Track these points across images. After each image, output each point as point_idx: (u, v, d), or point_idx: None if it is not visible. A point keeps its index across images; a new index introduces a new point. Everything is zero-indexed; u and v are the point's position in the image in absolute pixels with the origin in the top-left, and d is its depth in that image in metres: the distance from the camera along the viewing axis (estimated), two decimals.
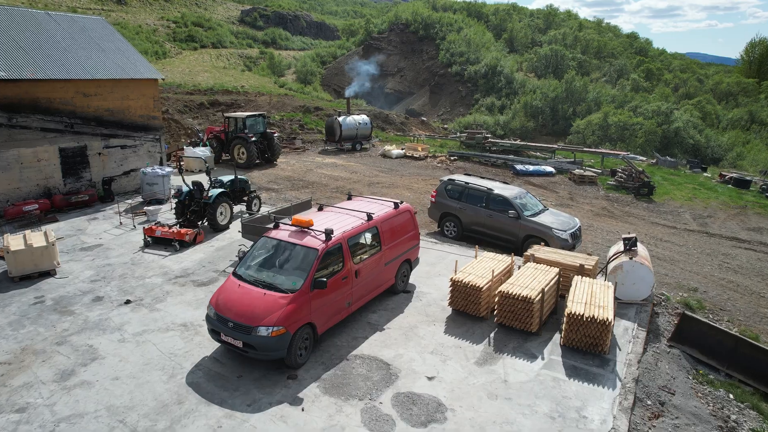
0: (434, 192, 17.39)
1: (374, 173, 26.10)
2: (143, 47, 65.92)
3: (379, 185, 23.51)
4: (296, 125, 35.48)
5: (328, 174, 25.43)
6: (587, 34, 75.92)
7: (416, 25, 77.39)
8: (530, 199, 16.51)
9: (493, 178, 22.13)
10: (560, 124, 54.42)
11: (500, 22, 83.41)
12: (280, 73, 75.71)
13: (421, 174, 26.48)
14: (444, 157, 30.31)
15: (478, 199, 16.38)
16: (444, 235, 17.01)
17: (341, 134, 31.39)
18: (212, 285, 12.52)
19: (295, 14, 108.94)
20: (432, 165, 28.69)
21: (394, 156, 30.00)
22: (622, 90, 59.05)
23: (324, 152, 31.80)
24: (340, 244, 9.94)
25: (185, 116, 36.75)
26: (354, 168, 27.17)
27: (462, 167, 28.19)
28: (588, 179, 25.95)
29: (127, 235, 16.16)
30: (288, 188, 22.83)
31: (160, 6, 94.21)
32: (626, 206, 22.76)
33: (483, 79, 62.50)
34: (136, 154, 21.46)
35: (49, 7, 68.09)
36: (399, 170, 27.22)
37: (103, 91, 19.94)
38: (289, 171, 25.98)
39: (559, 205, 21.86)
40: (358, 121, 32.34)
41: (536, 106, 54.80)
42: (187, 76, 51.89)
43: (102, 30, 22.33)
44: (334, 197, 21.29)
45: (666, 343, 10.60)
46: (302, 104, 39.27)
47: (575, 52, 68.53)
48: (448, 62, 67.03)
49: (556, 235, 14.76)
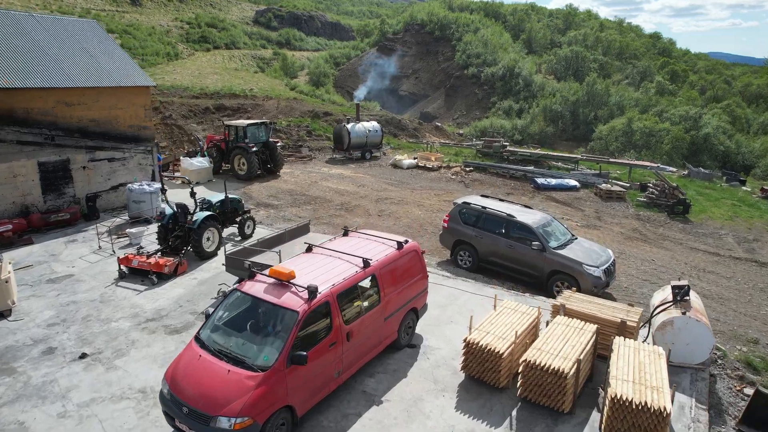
0: (447, 216, 15.37)
1: (383, 186, 24.14)
2: (155, 49, 64.87)
3: (387, 201, 21.55)
4: (304, 131, 33.68)
5: (334, 187, 23.54)
6: (609, 34, 72.97)
7: (432, 25, 75.24)
8: (557, 227, 14.41)
9: (513, 200, 20.09)
10: (581, 129, 51.91)
11: (518, 23, 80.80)
12: (293, 75, 74.14)
13: (434, 187, 24.44)
14: (459, 167, 28.24)
15: (497, 227, 14.34)
16: (457, 266, 15.00)
17: (350, 142, 29.49)
18: (186, 332, 10.69)
19: (309, 14, 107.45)
20: (446, 177, 26.64)
21: (406, 166, 28.01)
22: (646, 93, 56.25)
23: (331, 161, 29.93)
24: (328, 302, 8.01)
25: (189, 121, 35.17)
26: (362, 180, 25.24)
27: (478, 179, 26.09)
28: (616, 195, 23.68)
29: (103, 262, 14.44)
30: (289, 204, 20.98)
31: (174, 7, 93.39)
32: (660, 227, 20.47)
33: (500, 82, 60.15)
34: (125, 168, 19.79)
35: (63, 9, 67.40)
36: (410, 183, 25.22)
37: (88, 100, 18.27)
38: (292, 183, 24.14)
39: (586, 226, 19.68)
40: (368, 128, 30.41)
41: (556, 110, 52.36)
42: (196, 79, 50.46)
43: (92, 33, 20.69)
44: (337, 216, 19.39)
45: (734, 427, 8.48)
46: (311, 109, 37.47)
47: (596, 54, 65.74)
48: (465, 64, 64.78)
49: (587, 272, 12.67)
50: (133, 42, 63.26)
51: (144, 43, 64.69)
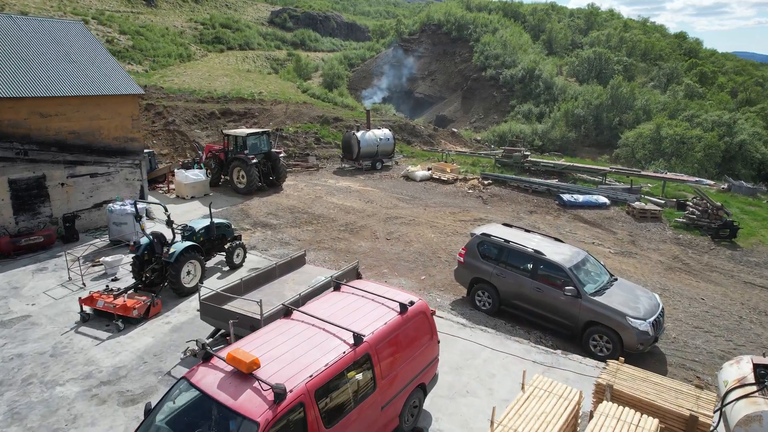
0: (463, 249, 13.17)
1: (393, 203, 21.99)
2: (167, 50, 63.61)
3: (397, 221, 19.40)
4: (312, 138, 31.69)
5: (339, 204, 21.46)
6: (633, 34, 69.72)
7: (449, 25, 72.79)
8: (593, 266, 12.13)
9: (537, 219, 17.82)
10: (604, 135, 49.11)
11: (538, 23, 77.88)
12: (307, 76, 72.38)
13: (449, 204, 22.22)
14: (476, 179, 25.97)
15: (522, 265, 12.12)
16: (475, 307, 12.81)
17: (359, 152, 27.40)
18: (144, 401, 8.70)
19: (325, 15, 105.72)
20: (462, 191, 24.38)
21: (419, 179, 25.81)
22: (674, 97, 53.16)
23: (339, 172, 27.87)
24: (302, 402, 5.92)
25: (194, 127, 33.44)
26: (370, 195, 23.12)
27: (497, 195, 23.78)
28: (651, 214, 21.20)
29: (69, 298, 12.55)
30: (288, 224, 18.95)
31: (189, 8, 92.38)
32: (704, 254, 17.99)
33: (519, 84, 57.53)
34: (110, 183, 17.96)
35: (77, 11, 66.54)
36: (423, 198, 23.02)
37: (67, 111, 16.46)
38: (295, 198, 22.13)
39: (620, 254, 17.31)
40: (379, 136, 28.28)
41: (578, 115, 49.63)
42: (205, 81, 48.85)
43: (77, 37, 18.89)
44: (340, 240, 17.30)
45: None
46: (320, 114, 35.48)
47: (620, 55, 62.67)
48: (483, 65, 62.25)
49: (631, 326, 10.41)
50: (145, 43, 62.05)
51: (156, 45, 63.45)
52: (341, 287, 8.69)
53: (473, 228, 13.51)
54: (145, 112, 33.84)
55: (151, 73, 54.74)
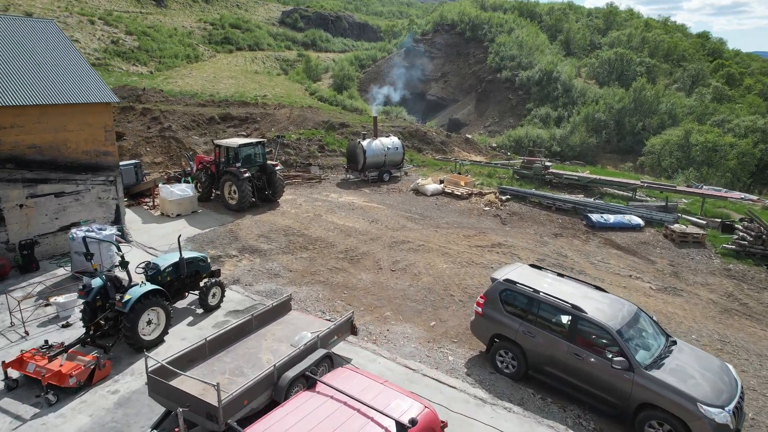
0: (482, 298, 10.67)
1: (401, 222, 19.52)
2: (174, 51, 61.77)
3: (404, 246, 16.93)
4: (315, 146, 29.32)
5: (340, 224, 19.03)
6: (656, 34, 66.37)
7: (463, 25, 70.04)
8: (646, 325, 9.59)
9: (564, 244, 15.23)
10: (627, 141, 46.14)
11: (555, 23, 74.77)
12: (316, 77, 70.16)
13: (463, 224, 19.69)
14: (493, 194, 23.41)
15: (556, 322, 9.62)
16: (496, 369, 10.33)
17: (365, 162, 24.95)
18: None
19: (336, 15, 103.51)
20: (478, 208, 21.83)
21: (430, 193, 23.30)
22: (701, 100, 49.95)
23: (343, 184, 25.46)
24: None
25: (191, 133, 31.27)
26: (375, 213, 20.68)
27: (517, 213, 21.19)
28: (693, 239, 18.48)
29: (4, 353, 10.30)
30: (281, 249, 16.58)
31: (200, 8, 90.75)
32: (763, 290, 15.27)
33: (536, 87, 54.67)
34: (79, 203, 15.74)
35: (84, 11, 65.00)
36: (434, 216, 20.52)
37: (26, 122, 14.25)
38: (291, 217, 19.76)
39: (662, 290, 14.68)
40: (387, 145, 25.81)
41: (599, 119, 46.71)
42: (209, 83, 46.77)
43: (47, 37, 16.67)
44: (338, 271, 14.87)
45: None
46: (326, 119, 33.10)
47: (642, 56, 59.45)
48: (498, 67, 59.46)
49: (705, 416, 7.85)
50: (152, 44, 60.26)
51: (163, 45, 61.63)
52: (317, 384, 6.25)
53: (494, 271, 11.02)
54: (141, 116, 31.77)
55: (156, 74, 52.88)
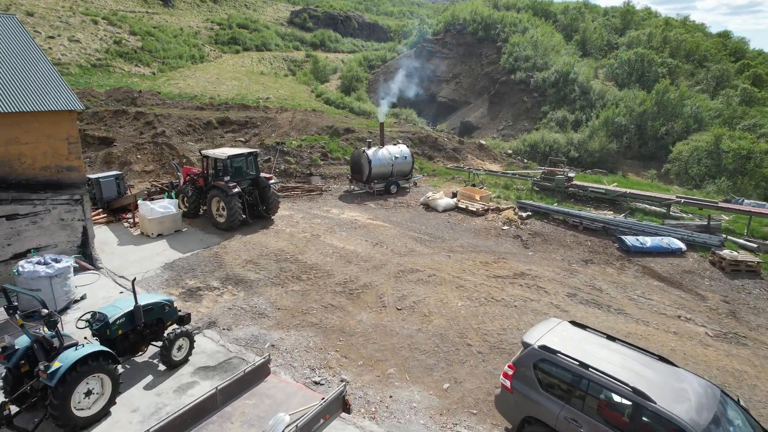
0: (511, 369, 8.25)
1: (409, 245, 17.11)
2: (178, 51, 59.83)
3: (412, 276, 14.55)
4: (318, 154, 26.99)
5: (340, 247, 16.68)
6: (677, 33, 63.17)
7: (475, 25, 67.34)
8: (734, 417, 7.12)
9: (594, 271, 12.80)
10: (649, 146, 43.25)
11: (571, 22, 71.80)
12: (324, 78, 67.93)
13: (480, 248, 17.24)
14: (512, 209, 20.95)
15: (611, 408, 7.19)
16: None
17: (371, 173, 22.60)
18: None
19: (346, 15, 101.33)
20: (495, 226, 19.36)
21: (441, 209, 20.86)
22: (728, 102, 46.91)
23: (346, 197, 23.10)
24: None
25: (186, 139, 29.11)
26: (380, 233, 18.29)
27: (539, 233, 18.69)
28: (746, 267, 15.89)
29: None
30: (269, 280, 14.26)
31: (207, 8, 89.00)
32: None
33: (552, 89, 51.90)
34: (37, 226, 13.54)
35: (89, 11, 63.34)
36: (446, 237, 18.08)
37: None
38: (286, 238, 17.44)
39: (722, 337, 12.14)
40: (395, 154, 23.41)
41: (619, 123, 43.90)
42: (211, 85, 44.66)
43: (2, 33, 14.50)
44: (334, 310, 12.50)
45: None
46: (330, 124, 30.76)
47: (664, 56, 56.40)
48: (512, 68, 56.75)
49: None
50: (155, 44, 58.35)
51: (167, 46, 59.69)
52: None
53: (525, 332, 8.56)
54: (134, 121, 29.67)
55: (159, 75, 50.94)
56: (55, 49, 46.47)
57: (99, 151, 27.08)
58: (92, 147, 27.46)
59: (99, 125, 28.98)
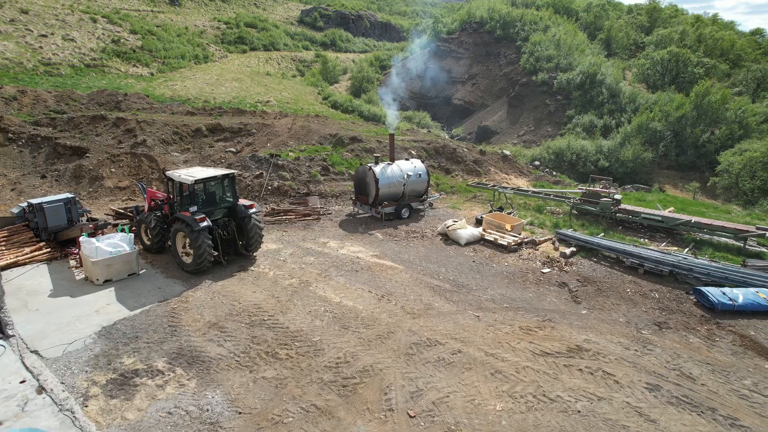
0: None
1: (425, 297, 13.06)
2: (181, 51, 56.38)
3: (429, 353, 10.50)
4: (318, 168, 23.03)
5: (336, 301, 12.68)
6: (713, 30, 58.23)
7: (492, 23, 63.06)
8: None
9: (669, 334, 8.27)
10: (688, 155, 38.71)
11: (594, 20, 67.12)
12: (334, 79, 64.10)
13: (518, 302, 13.13)
14: (550, 241, 16.83)
15: None
16: None
17: (378, 194, 18.60)
18: None
19: (358, 14, 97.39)
20: (533, 268, 15.23)
21: (464, 242, 16.77)
22: None
23: (349, 223, 19.13)
24: None
25: (171, 149, 25.37)
26: (388, 277, 14.26)
27: (590, 278, 14.52)
28: None
29: None
30: (234, 358, 10.31)
31: (216, 6, 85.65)
32: None
33: (578, 91, 47.49)
34: None
35: (90, 9, 60.15)
36: (473, 285, 13.99)
37: None
38: (266, 286, 13.47)
39: None
40: (407, 171, 19.37)
41: (654, 130, 39.40)
42: (210, 87, 40.96)
43: None
44: (319, 418, 8.53)
45: None
46: (334, 132, 26.79)
47: (699, 56, 51.61)
48: (533, 68, 52.43)
49: None
50: (156, 44, 54.91)
51: (169, 45, 56.26)
52: None
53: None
54: (113, 128, 26.00)
55: (157, 76, 47.44)
56: (46, 48, 43.13)
57: (70, 162, 23.45)
58: (63, 158, 23.84)
59: (73, 133, 25.34)
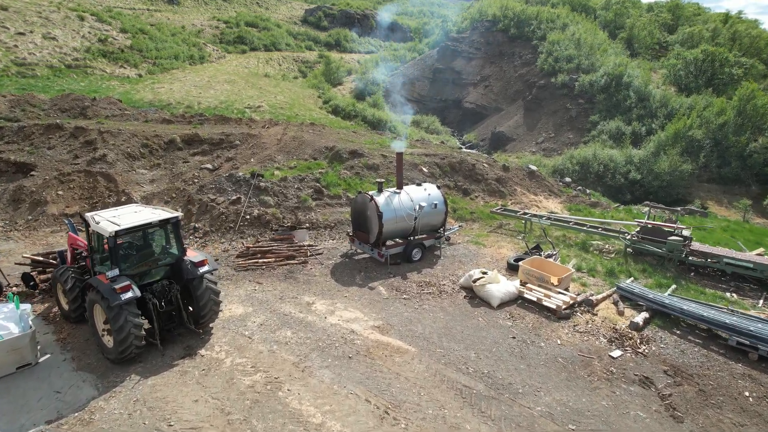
0: None
1: (450, 413, 8.65)
2: (174, 51, 52.17)
3: None
4: (310, 190, 18.66)
5: (315, 424, 8.28)
6: (749, 26, 53.33)
7: (506, 21, 58.41)
8: None
9: None
10: (732, 167, 34.01)
11: (614, 18, 62.29)
12: (337, 81, 59.70)
13: (589, 418, 8.69)
14: (610, 299, 12.39)
15: None
16: None
17: (381, 231, 14.19)
18: None
19: (363, 13, 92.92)
20: (596, 346, 10.78)
21: (497, 303, 12.32)
22: None
23: (344, 269, 14.73)
24: None
25: (137, 165, 21.11)
26: (394, 371, 9.85)
27: (686, 371, 10.08)
28: None
29: None
30: None
31: (216, 5, 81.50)
32: None
33: (602, 94, 42.83)
34: None
35: (79, 6, 56.06)
36: (518, 385, 9.57)
37: None
38: (216, 390, 9.09)
39: None
40: (419, 201, 14.92)
41: (693, 138, 34.75)
42: (197, 90, 36.70)
43: None
44: None
45: None
46: (331, 144, 22.40)
47: (736, 55, 46.80)
48: (551, 69, 47.81)
49: None
50: (147, 43, 50.72)
51: (161, 45, 52.08)
52: None
53: None
54: (70, 139, 21.77)
55: (145, 77, 43.27)
56: (22, 47, 39.04)
57: (12, 182, 19.26)
58: (4, 177, 19.65)
59: (22, 145, 21.15)
